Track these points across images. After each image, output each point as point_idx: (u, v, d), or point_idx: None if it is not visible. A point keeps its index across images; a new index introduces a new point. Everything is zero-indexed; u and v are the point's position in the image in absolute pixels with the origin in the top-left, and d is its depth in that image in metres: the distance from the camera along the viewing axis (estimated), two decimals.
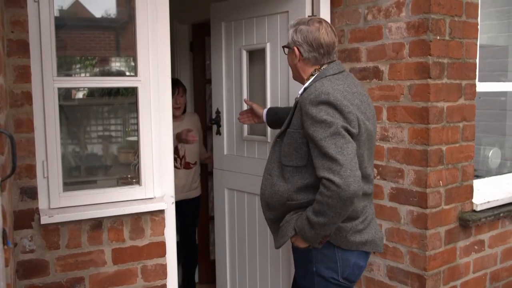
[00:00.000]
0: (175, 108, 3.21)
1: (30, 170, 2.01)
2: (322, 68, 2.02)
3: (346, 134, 1.82)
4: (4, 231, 1.33)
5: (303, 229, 1.90)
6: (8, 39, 1.93)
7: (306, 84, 2.03)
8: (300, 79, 2.10)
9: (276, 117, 2.50)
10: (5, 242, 1.33)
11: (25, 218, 2.01)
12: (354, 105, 1.91)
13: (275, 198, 2.02)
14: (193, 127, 3.51)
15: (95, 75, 3.23)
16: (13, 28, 1.94)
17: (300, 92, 2.05)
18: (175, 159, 3.34)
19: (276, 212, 2.05)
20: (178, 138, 3.28)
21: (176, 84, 3.29)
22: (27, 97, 1.99)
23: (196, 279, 4.14)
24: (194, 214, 3.66)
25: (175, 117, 3.01)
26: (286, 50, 2.12)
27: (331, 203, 1.78)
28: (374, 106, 2.14)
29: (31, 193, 2.02)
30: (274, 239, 2.11)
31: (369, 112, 2.01)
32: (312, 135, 1.84)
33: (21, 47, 1.96)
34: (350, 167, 1.77)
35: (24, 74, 1.97)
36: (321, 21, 2.04)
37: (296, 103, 2.00)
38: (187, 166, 3.48)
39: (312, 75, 2.04)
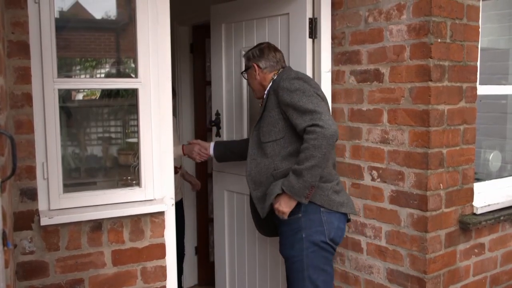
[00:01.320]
0: None
1: (30, 172, 2.01)
2: (280, 71, 2.39)
3: (317, 96, 2.19)
4: (4, 232, 1.33)
5: (290, 183, 2.13)
6: (8, 40, 1.93)
7: (270, 85, 2.37)
8: (263, 90, 2.41)
9: (227, 150, 2.79)
10: (5, 244, 1.33)
11: (25, 220, 2.01)
12: (317, 85, 2.35)
13: (262, 173, 2.29)
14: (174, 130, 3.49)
15: (96, 76, 3.23)
16: (14, 29, 1.93)
17: (266, 92, 2.37)
18: None
19: (263, 188, 2.29)
20: (188, 152, 2.96)
21: None
22: (27, 98, 1.98)
23: (196, 281, 4.14)
24: (182, 218, 3.63)
25: None
26: (245, 74, 2.50)
27: (318, 143, 2.06)
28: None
29: (31, 194, 2.02)
30: (260, 209, 2.31)
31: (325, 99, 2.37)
32: (290, 101, 2.17)
33: (22, 48, 1.96)
34: (328, 114, 2.13)
35: (24, 75, 1.97)
36: (267, 42, 2.51)
37: (265, 97, 2.35)
38: (175, 170, 3.46)
39: (272, 78, 2.38)
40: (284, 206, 2.19)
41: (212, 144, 2.80)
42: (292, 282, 2.29)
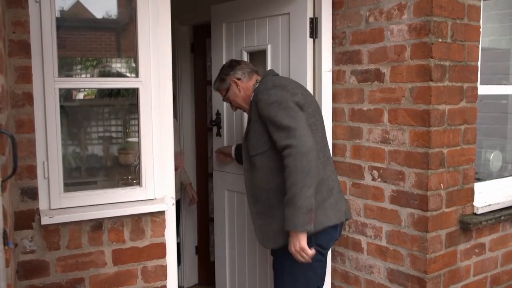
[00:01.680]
0: None
1: (31, 171, 2.01)
2: (262, 75, 2.37)
3: (295, 106, 2.10)
4: (4, 231, 1.33)
5: (288, 218, 2.00)
6: (9, 39, 1.93)
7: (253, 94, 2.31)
8: (248, 98, 2.36)
9: None
10: (5, 243, 1.33)
11: (26, 219, 2.01)
12: (297, 85, 2.26)
13: (256, 187, 2.23)
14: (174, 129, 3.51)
15: (96, 76, 3.23)
16: (15, 28, 1.94)
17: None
18: None
19: (260, 205, 2.22)
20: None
21: None
22: (28, 98, 1.99)
23: (196, 280, 4.14)
24: (178, 217, 3.65)
25: None
26: (227, 98, 2.44)
27: (297, 164, 1.98)
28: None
29: (32, 193, 2.02)
30: (263, 238, 2.24)
31: (311, 97, 2.33)
32: (268, 115, 2.11)
33: (22, 48, 1.96)
34: (302, 129, 2.04)
35: (25, 75, 1.97)
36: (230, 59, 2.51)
37: (249, 109, 2.31)
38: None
39: (257, 82, 2.36)
40: (298, 244, 2.01)
41: (233, 148, 2.89)
42: (274, 280, 2.31)
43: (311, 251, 2.03)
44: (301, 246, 2.01)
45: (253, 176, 2.24)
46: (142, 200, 2.26)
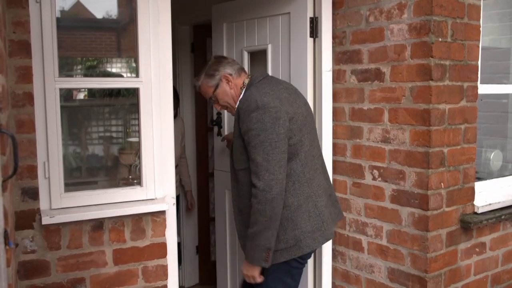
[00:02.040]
0: None
1: (32, 171, 2.01)
2: (250, 76, 2.22)
3: (274, 139, 1.99)
4: (5, 231, 1.33)
5: (247, 248, 2.07)
6: (10, 39, 1.93)
7: (241, 95, 2.20)
8: (237, 97, 2.22)
9: None
10: (6, 243, 1.33)
11: (27, 219, 2.01)
12: (283, 98, 2.09)
13: (241, 200, 2.16)
14: (177, 131, 3.52)
15: (97, 75, 3.23)
16: (15, 28, 1.94)
17: (237, 103, 2.19)
18: None
19: (244, 216, 2.15)
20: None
21: None
22: (29, 98, 1.99)
23: (197, 280, 4.14)
24: (178, 211, 3.65)
25: None
26: (214, 97, 2.24)
27: (261, 208, 1.98)
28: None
29: (33, 193, 2.02)
30: (244, 247, 2.18)
31: (299, 101, 2.18)
32: (247, 141, 2.04)
33: (23, 48, 1.96)
34: (273, 172, 1.97)
35: (25, 75, 1.97)
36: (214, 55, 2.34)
37: (235, 118, 2.14)
38: None
39: (244, 84, 2.21)
40: (251, 273, 2.10)
41: None
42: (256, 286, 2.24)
43: (259, 279, 2.12)
44: (253, 275, 2.11)
45: (239, 190, 2.18)
46: (143, 200, 2.26)
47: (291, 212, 2.07)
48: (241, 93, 2.20)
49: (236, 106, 2.17)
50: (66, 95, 2.99)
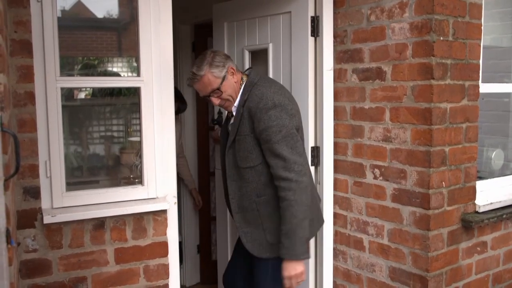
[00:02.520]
0: None
1: (33, 170, 2.02)
2: (245, 74, 2.26)
3: (294, 133, 2.10)
4: (7, 230, 1.33)
5: (286, 247, 2.06)
6: (11, 39, 1.93)
7: (240, 92, 2.20)
8: (238, 92, 2.20)
9: None
10: (8, 241, 1.33)
11: (28, 218, 2.02)
12: (289, 97, 2.21)
13: (244, 198, 2.20)
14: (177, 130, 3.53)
15: (98, 75, 3.23)
16: (16, 28, 1.94)
17: (238, 100, 2.19)
18: None
19: (245, 213, 2.21)
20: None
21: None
22: (30, 97, 1.99)
23: (198, 279, 4.15)
24: (179, 209, 3.66)
25: None
26: (218, 91, 2.17)
27: (297, 198, 2.03)
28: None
29: (34, 192, 2.02)
30: (253, 246, 2.22)
31: (295, 101, 2.28)
32: (266, 138, 2.08)
33: (24, 47, 1.96)
34: (301, 162, 2.07)
35: (27, 74, 1.98)
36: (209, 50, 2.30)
37: (240, 112, 2.15)
38: None
39: (242, 81, 2.22)
40: (294, 272, 2.09)
41: (219, 133, 2.89)
42: (256, 285, 2.29)
43: (305, 275, 2.12)
44: (302, 272, 2.10)
45: (242, 186, 2.20)
46: (144, 199, 2.26)
47: None
48: (240, 88, 2.21)
49: (244, 105, 2.15)
50: (67, 94, 2.99)
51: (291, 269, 2.09)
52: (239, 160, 2.18)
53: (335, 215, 2.72)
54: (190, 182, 3.80)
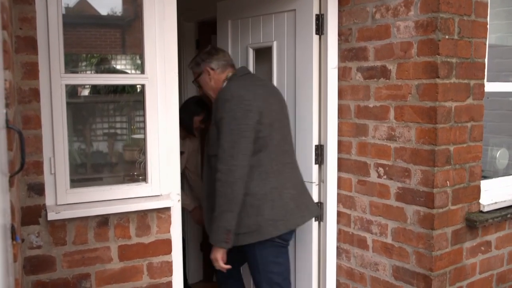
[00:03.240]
0: (195, 127, 3.33)
1: (38, 167, 2.02)
2: (235, 70, 2.42)
3: (244, 128, 2.16)
4: (12, 226, 1.34)
5: (212, 233, 2.23)
6: (16, 35, 1.93)
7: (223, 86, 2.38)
8: (217, 90, 2.39)
9: None
10: (13, 238, 1.33)
11: (32, 214, 2.02)
12: (257, 94, 2.27)
13: (211, 185, 2.29)
14: (195, 148, 3.53)
15: (102, 72, 3.23)
16: (21, 24, 1.94)
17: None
18: None
19: (212, 200, 2.27)
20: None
21: (204, 107, 3.30)
22: (35, 94, 1.99)
23: (201, 277, 4.15)
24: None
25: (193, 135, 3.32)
26: (196, 81, 2.49)
27: (223, 190, 2.14)
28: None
29: (38, 189, 2.03)
30: (209, 230, 2.34)
31: (273, 99, 2.37)
32: (218, 127, 2.21)
33: (29, 44, 1.96)
34: (236, 158, 2.14)
35: (31, 71, 1.98)
36: (211, 45, 2.56)
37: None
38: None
39: (227, 78, 2.39)
40: (212, 253, 2.30)
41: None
42: (252, 273, 2.42)
43: (224, 265, 2.29)
44: (215, 258, 2.28)
45: (210, 174, 2.31)
46: (148, 196, 2.26)
47: (256, 200, 2.21)
48: (223, 86, 2.38)
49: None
50: (71, 91, 3.00)
51: (212, 252, 2.29)
52: (209, 148, 2.33)
53: (339, 213, 2.72)
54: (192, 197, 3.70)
